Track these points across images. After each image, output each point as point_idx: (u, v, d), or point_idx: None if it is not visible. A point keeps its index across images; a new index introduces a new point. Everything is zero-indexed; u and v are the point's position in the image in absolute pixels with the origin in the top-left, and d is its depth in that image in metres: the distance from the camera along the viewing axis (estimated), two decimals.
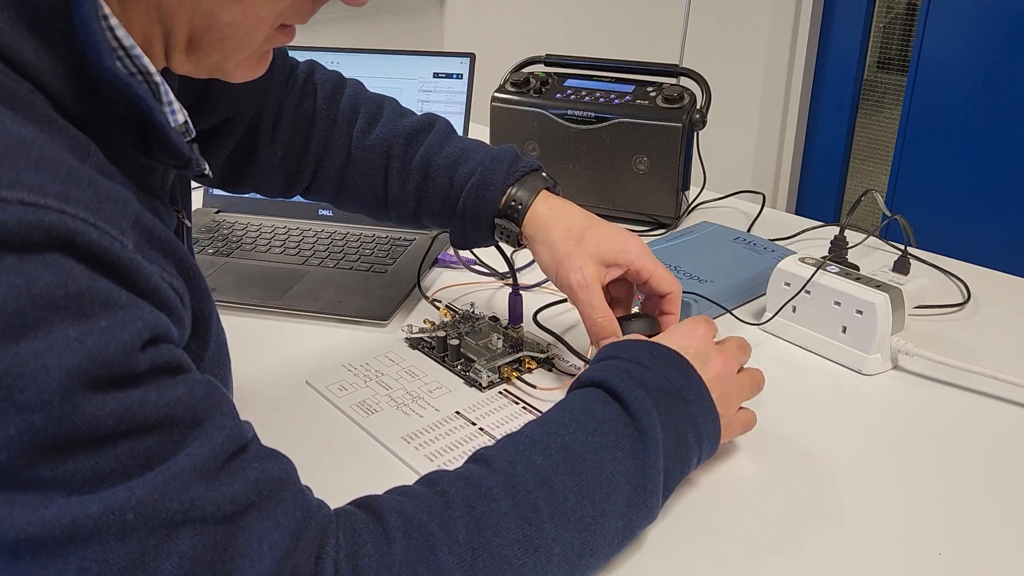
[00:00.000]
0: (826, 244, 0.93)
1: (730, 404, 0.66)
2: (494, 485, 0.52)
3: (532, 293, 0.98)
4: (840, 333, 0.84)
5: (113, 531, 0.40)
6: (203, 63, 0.52)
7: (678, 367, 0.62)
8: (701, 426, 0.61)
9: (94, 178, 0.42)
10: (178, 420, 0.43)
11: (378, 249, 1.05)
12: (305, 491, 0.49)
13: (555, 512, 0.52)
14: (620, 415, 0.58)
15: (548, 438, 0.56)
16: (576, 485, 0.53)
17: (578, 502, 0.53)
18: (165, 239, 0.48)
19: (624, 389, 0.58)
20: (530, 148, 1.19)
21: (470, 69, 1.09)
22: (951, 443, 0.73)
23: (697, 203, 1.24)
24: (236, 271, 0.99)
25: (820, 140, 2.53)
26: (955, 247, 1.16)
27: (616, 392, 0.59)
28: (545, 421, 0.58)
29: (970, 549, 0.61)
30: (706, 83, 1.17)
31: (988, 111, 2.16)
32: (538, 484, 0.52)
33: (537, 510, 0.51)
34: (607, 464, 0.55)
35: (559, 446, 0.55)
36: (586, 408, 0.58)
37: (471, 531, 0.49)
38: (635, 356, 0.62)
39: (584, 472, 0.54)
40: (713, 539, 0.62)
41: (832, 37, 2.43)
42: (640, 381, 0.60)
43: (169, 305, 0.46)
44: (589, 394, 0.60)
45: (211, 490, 0.43)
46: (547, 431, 0.57)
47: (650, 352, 0.63)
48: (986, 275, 1.02)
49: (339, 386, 0.80)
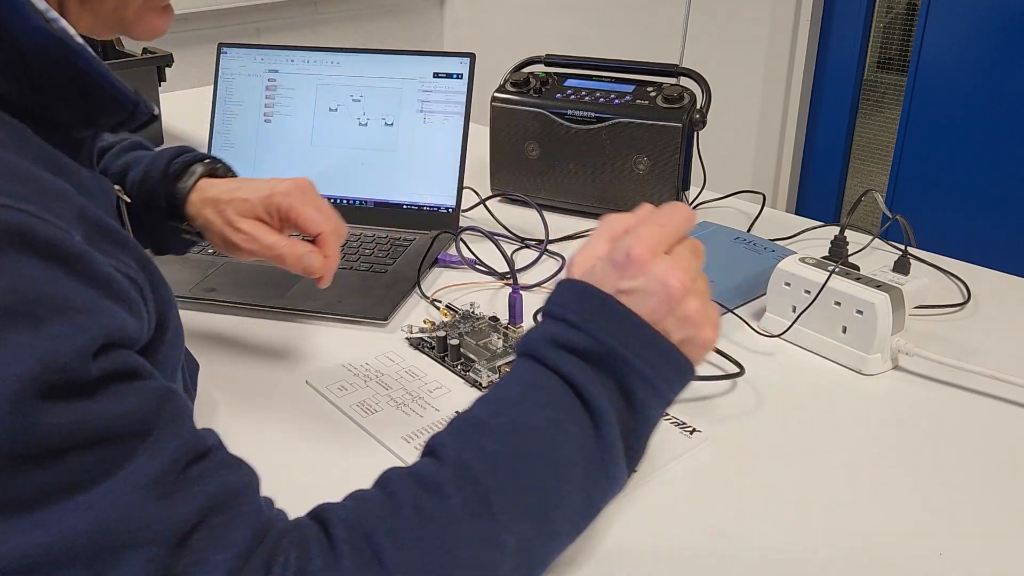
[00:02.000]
0: (826, 244, 0.93)
1: (699, 329, 0.54)
2: (443, 481, 0.49)
3: (532, 293, 0.98)
4: (840, 333, 0.84)
5: (63, 559, 0.39)
6: (100, 13, 0.51)
7: (611, 320, 0.52)
8: (654, 377, 0.52)
9: (34, 172, 0.42)
10: (130, 431, 0.42)
11: (378, 249, 1.05)
12: (263, 506, 0.48)
13: (508, 501, 0.49)
14: (562, 386, 0.52)
15: (496, 418, 0.52)
16: (529, 468, 0.50)
17: (532, 485, 0.50)
18: (114, 230, 0.47)
19: (557, 361, 0.52)
20: (530, 148, 1.19)
21: (470, 69, 1.09)
22: (951, 443, 0.73)
23: (697, 203, 1.24)
24: (236, 271, 0.99)
25: (820, 140, 2.53)
26: (955, 247, 1.16)
27: (550, 365, 0.53)
28: (493, 398, 0.53)
29: (970, 549, 0.61)
30: (706, 83, 1.17)
31: (988, 111, 2.16)
32: (488, 473, 0.49)
33: (489, 503, 0.48)
34: (559, 440, 0.51)
35: (508, 427, 0.51)
36: (534, 381, 0.53)
37: (420, 533, 0.47)
38: (564, 314, 0.53)
39: (536, 453, 0.50)
40: (713, 539, 0.62)
41: (832, 37, 2.43)
42: (571, 347, 0.52)
43: (126, 296, 0.45)
44: (529, 364, 0.54)
45: (163, 507, 0.42)
46: (495, 410, 0.52)
47: (579, 307, 0.53)
48: (986, 275, 1.02)
49: (339, 386, 0.80)
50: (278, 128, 1.14)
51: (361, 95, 1.12)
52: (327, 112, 1.13)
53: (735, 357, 0.82)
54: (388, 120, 1.11)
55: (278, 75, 1.14)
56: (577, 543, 0.61)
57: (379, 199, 1.11)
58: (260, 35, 2.67)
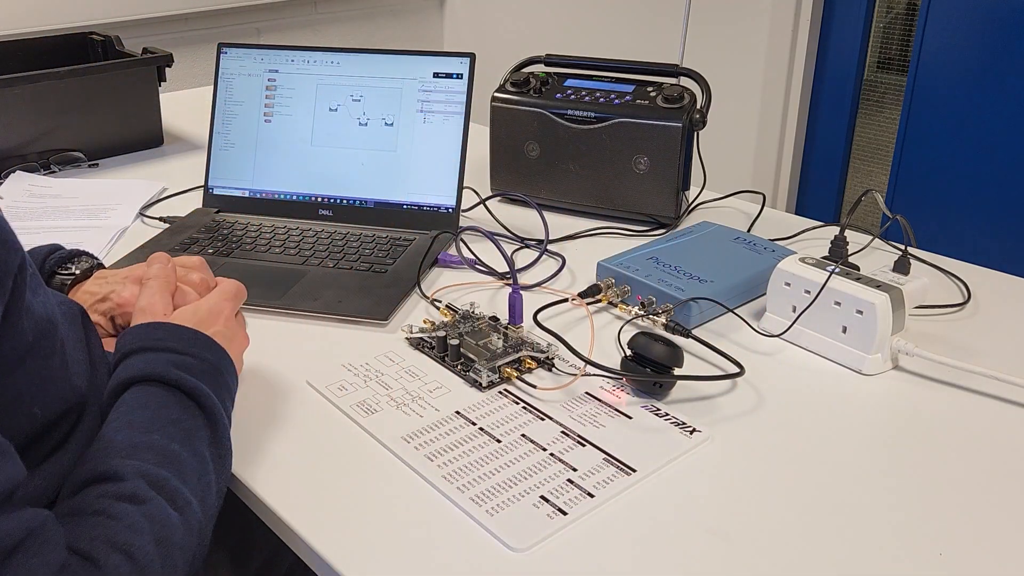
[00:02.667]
0: (826, 244, 0.93)
1: (239, 343, 0.76)
2: (135, 519, 0.55)
3: (532, 293, 0.98)
4: (840, 333, 0.84)
5: None
6: None
7: (212, 351, 0.69)
8: (231, 380, 0.71)
9: None
10: None
11: (378, 249, 1.05)
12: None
13: (178, 501, 0.58)
14: (183, 400, 0.65)
15: (144, 437, 0.61)
16: (179, 475, 0.60)
17: (184, 483, 0.60)
18: None
19: (181, 381, 0.65)
20: (530, 148, 1.19)
21: (470, 69, 1.09)
22: (951, 443, 0.73)
23: (697, 203, 1.24)
24: (236, 271, 0.99)
25: (820, 140, 2.53)
26: (955, 247, 1.16)
27: (176, 384, 0.65)
28: (132, 422, 0.62)
29: (970, 549, 0.61)
30: (706, 83, 1.17)
31: (988, 111, 2.16)
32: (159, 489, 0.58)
33: (167, 510, 0.57)
34: (196, 445, 0.63)
35: (159, 447, 0.60)
36: (161, 403, 0.64)
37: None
38: (184, 348, 0.68)
39: (183, 461, 0.61)
40: (713, 539, 0.62)
41: (832, 37, 2.43)
42: (188, 368, 0.67)
43: None
44: (154, 390, 0.65)
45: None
46: (138, 431, 0.61)
47: (194, 341, 0.69)
48: (986, 275, 1.02)
49: (339, 386, 0.80)
50: (278, 128, 1.14)
51: (361, 95, 1.12)
52: (327, 112, 1.13)
53: (735, 357, 0.82)
54: (388, 120, 1.11)
55: (278, 75, 1.14)
56: (578, 543, 0.61)
57: (379, 199, 1.11)
58: (260, 35, 2.67)
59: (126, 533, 0.53)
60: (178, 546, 0.56)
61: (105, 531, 0.53)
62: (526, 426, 0.74)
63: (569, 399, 0.78)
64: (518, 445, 0.71)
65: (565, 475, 0.68)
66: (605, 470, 0.68)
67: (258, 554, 0.86)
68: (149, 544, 0.54)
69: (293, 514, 0.64)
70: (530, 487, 0.66)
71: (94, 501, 0.55)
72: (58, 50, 1.53)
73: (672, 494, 0.66)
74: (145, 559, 0.53)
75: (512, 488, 0.66)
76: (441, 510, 0.65)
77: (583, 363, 0.81)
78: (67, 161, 1.38)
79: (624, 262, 0.97)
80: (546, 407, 0.76)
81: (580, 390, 0.79)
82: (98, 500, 0.55)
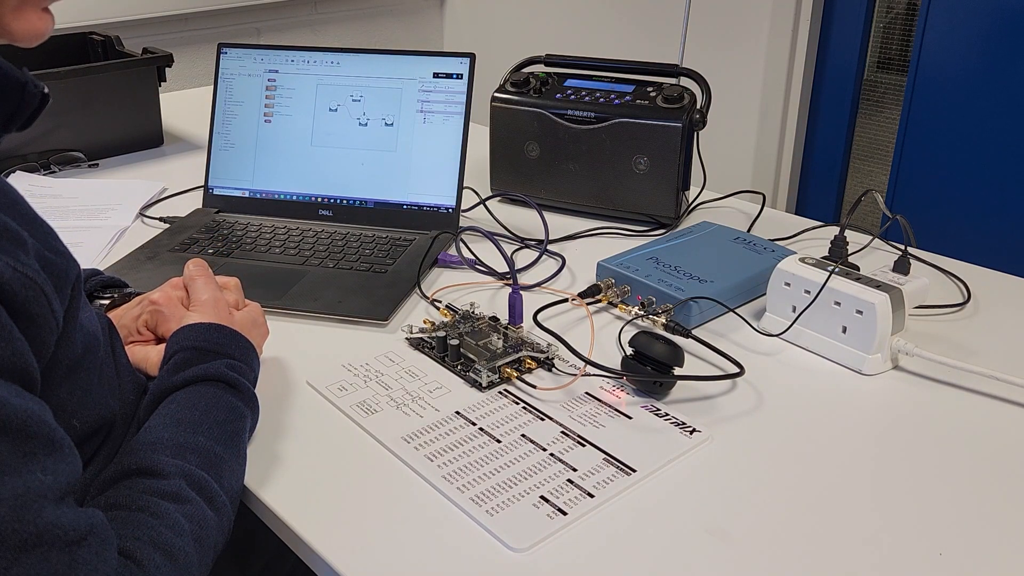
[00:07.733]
0: (826, 244, 0.93)
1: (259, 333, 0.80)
2: (176, 518, 0.56)
3: (532, 293, 0.98)
4: (840, 333, 0.84)
5: None
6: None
7: (245, 348, 0.73)
8: (256, 367, 0.75)
9: None
10: (35, 433, 0.44)
11: (378, 249, 1.05)
12: None
13: (215, 501, 0.60)
14: (234, 397, 0.68)
15: (191, 438, 0.62)
16: (219, 478, 0.62)
17: (222, 486, 0.61)
18: (11, 229, 0.49)
19: (235, 381, 0.69)
20: (530, 148, 1.19)
21: (470, 69, 1.09)
22: (951, 443, 0.73)
23: (697, 203, 1.24)
24: (236, 271, 0.99)
25: (820, 140, 2.53)
26: (955, 247, 1.16)
27: (234, 385, 0.69)
28: (181, 420, 0.64)
29: (970, 549, 0.61)
30: (706, 83, 1.17)
31: (988, 111, 2.16)
32: (200, 491, 0.59)
33: (205, 512, 0.58)
34: (239, 447, 0.66)
35: (204, 449, 0.62)
36: (212, 403, 0.66)
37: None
38: (229, 351, 0.71)
39: (224, 462, 0.63)
40: (713, 539, 0.62)
41: (832, 37, 2.43)
42: (237, 368, 0.71)
43: (13, 296, 0.47)
44: (206, 389, 0.67)
45: (61, 515, 0.44)
46: (186, 431, 0.63)
47: (236, 344, 0.73)
48: (986, 275, 1.02)
49: (339, 386, 0.80)
50: (278, 128, 1.14)
51: (361, 95, 1.12)
52: (327, 112, 1.13)
53: (735, 357, 0.82)
54: (388, 120, 1.11)
55: (278, 75, 1.14)
56: (578, 543, 0.61)
57: (379, 199, 1.11)
58: (260, 35, 2.67)
59: (168, 533, 0.54)
60: (213, 545, 0.58)
61: (149, 531, 0.53)
62: (526, 426, 0.74)
63: (569, 399, 0.78)
64: (518, 445, 0.71)
65: (565, 475, 0.68)
66: (605, 470, 0.69)
67: (259, 557, 0.86)
68: (189, 544, 0.55)
69: (294, 516, 0.64)
70: (530, 487, 0.66)
71: (137, 496, 0.56)
72: (58, 50, 1.53)
73: (672, 494, 0.66)
74: (185, 560, 0.54)
75: (512, 488, 0.66)
76: (441, 510, 0.65)
77: (583, 363, 0.81)
78: (67, 161, 1.38)
79: (624, 262, 0.97)
80: (546, 407, 0.76)
81: (580, 390, 0.79)
82: (141, 496, 0.56)
